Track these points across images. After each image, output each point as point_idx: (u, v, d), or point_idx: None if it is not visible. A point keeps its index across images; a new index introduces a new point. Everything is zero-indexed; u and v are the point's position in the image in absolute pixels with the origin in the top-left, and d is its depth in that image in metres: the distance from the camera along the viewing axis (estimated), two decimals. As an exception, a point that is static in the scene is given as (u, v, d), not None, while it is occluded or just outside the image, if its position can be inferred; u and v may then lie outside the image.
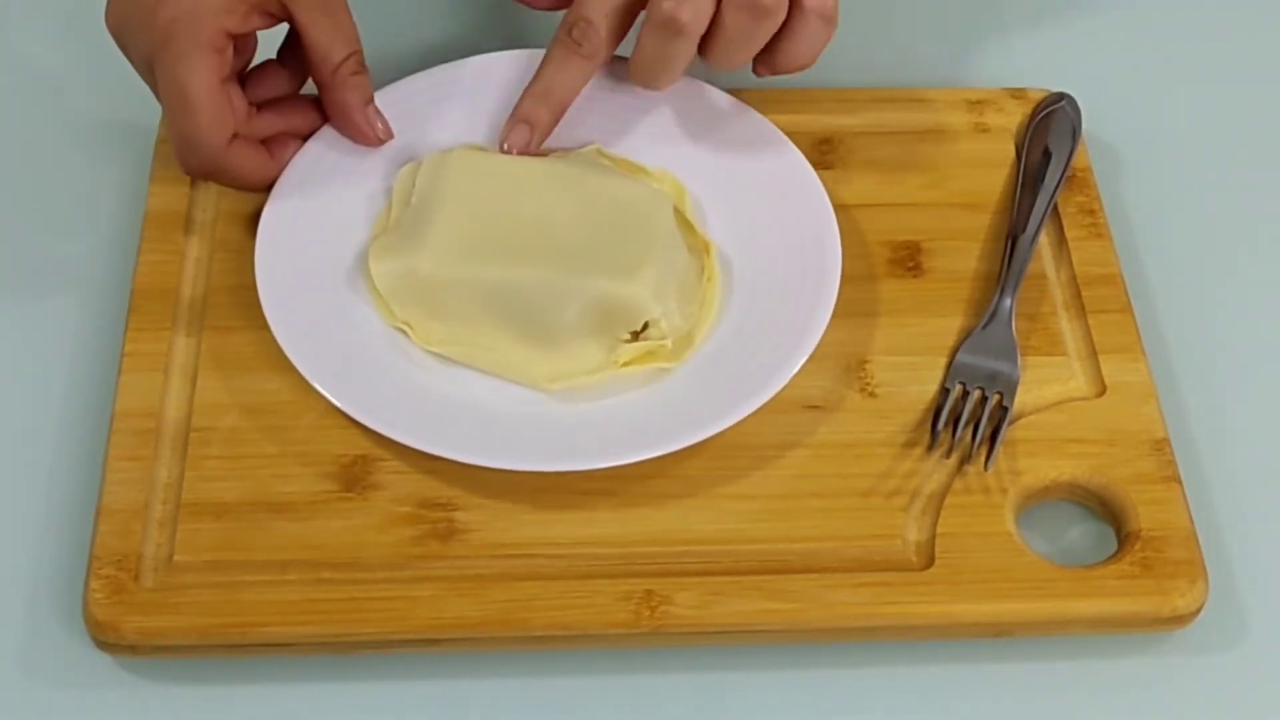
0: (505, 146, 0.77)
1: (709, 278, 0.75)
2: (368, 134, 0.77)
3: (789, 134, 0.79)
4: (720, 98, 0.80)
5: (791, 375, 0.71)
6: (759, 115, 0.79)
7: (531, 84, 0.77)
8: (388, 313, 0.74)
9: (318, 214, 0.76)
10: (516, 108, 0.77)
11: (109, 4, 0.74)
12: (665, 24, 0.73)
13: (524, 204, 0.75)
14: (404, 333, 0.73)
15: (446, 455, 0.69)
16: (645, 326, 0.73)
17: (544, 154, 0.78)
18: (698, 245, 0.76)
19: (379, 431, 0.69)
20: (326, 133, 0.78)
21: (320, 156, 0.77)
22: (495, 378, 0.73)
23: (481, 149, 0.78)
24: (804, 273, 0.74)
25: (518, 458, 0.69)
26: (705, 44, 0.74)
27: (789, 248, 0.75)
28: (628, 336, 0.73)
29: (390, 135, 0.78)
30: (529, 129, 0.77)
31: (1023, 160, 0.81)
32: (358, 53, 0.76)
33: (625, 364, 0.73)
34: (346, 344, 0.73)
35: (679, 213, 0.77)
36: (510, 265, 0.73)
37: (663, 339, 0.73)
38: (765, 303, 0.74)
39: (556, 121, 0.78)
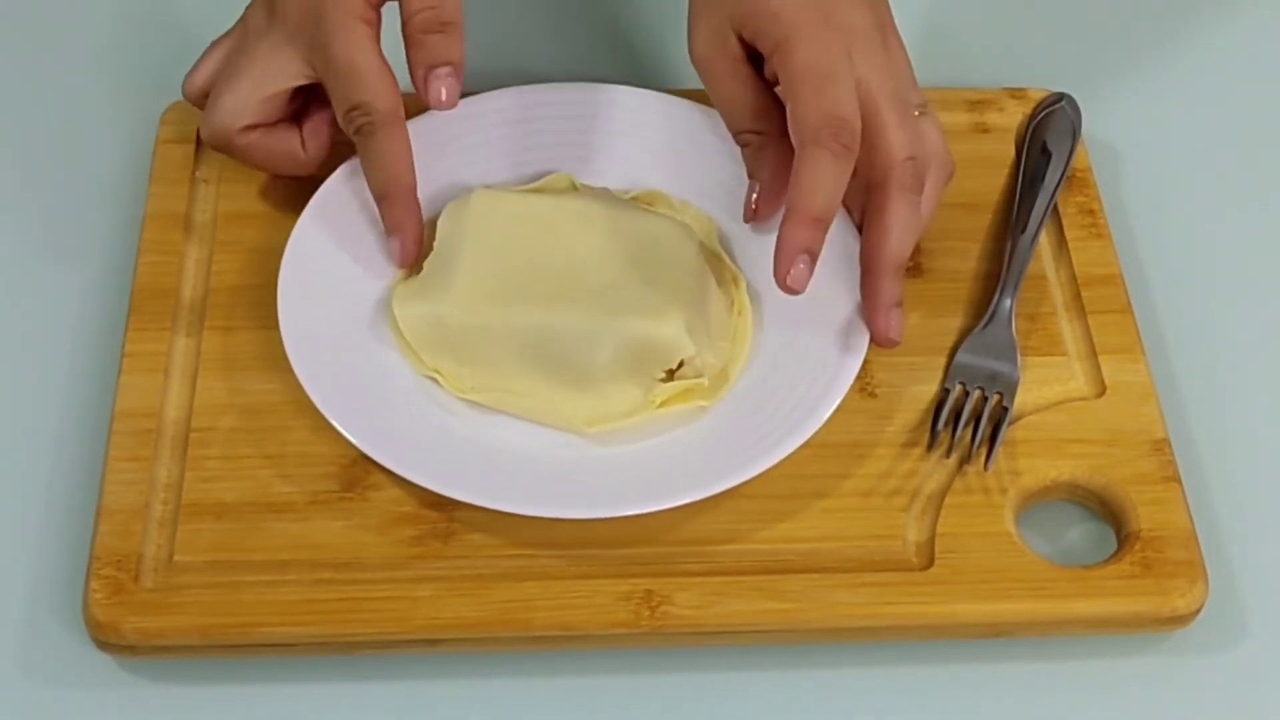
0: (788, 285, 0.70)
1: (739, 311, 0.74)
2: (424, 95, 0.73)
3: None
4: None
5: (832, 409, 0.70)
6: None
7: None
8: (417, 361, 0.72)
9: (341, 254, 0.75)
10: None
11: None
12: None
13: (549, 244, 0.73)
14: (435, 380, 0.72)
15: (491, 506, 0.67)
16: (680, 365, 0.71)
17: (566, 191, 0.77)
18: (726, 278, 0.76)
19: (426, 486, 0.68)
20: (348, 169, 0.76)
21: (340, 191, 0.76)
22: (530, 423, 0.72)
23: (502, 189, 0.77)
24: (835, 299, 0.73)
25: (561, 505, 0.68)
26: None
27: (819, 275, 0.73)
28: (663, 376, 0.72)
29: (453, 103, 0.73)
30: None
31: (1023, 160, 0.81)
32: (435, 8, 0.73)
33: (662, 404, 0.71)
34: (379, 394, 0.71)
35: (706, 246, 0.76)
36: (539, 308, 0.71)
37: (699, 376, 0.71)
38: (799, 334, 0.73)
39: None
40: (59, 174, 0.82)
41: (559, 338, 0.71)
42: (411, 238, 0.74)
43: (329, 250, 0.75)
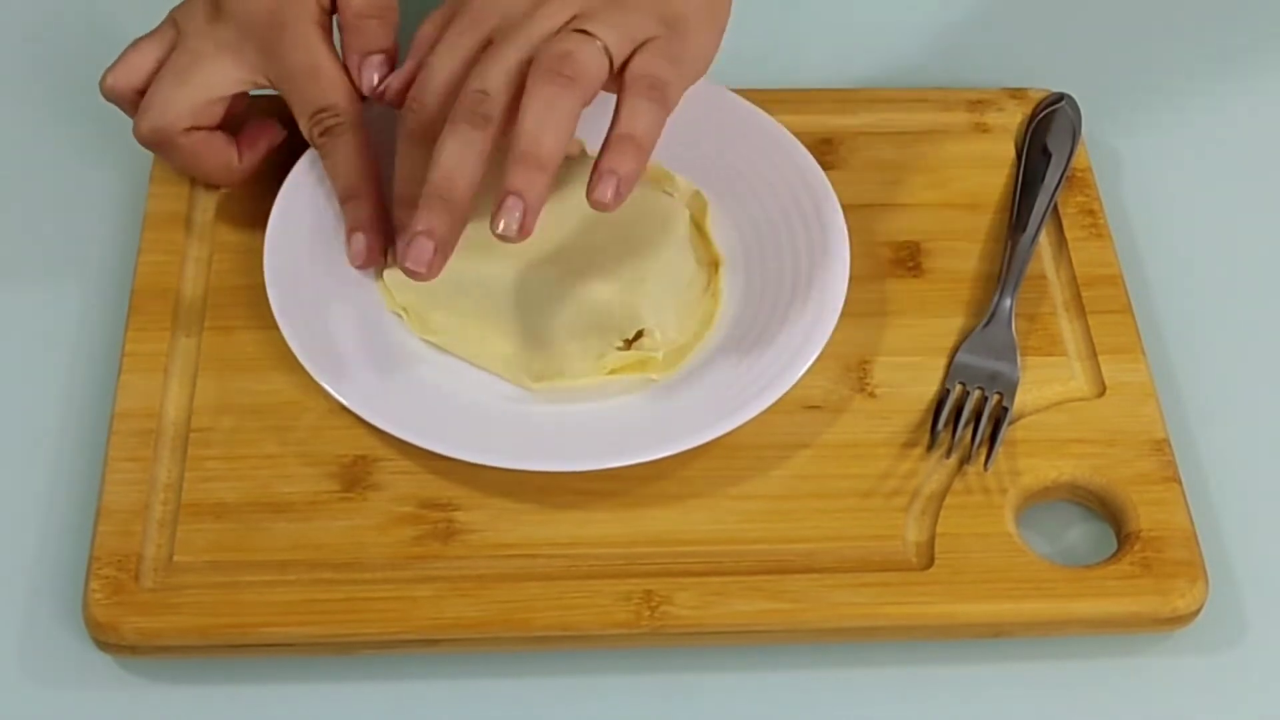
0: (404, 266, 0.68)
1: (713, 294, 0.75)
2: (357, 80, 0.75)
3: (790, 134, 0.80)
4: (731, 99, 0.80)
5: (788, 387, 0.70)
6: (769, 117, 0.79)
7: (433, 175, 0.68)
8: (388, 296, 0.74)
9: (328, 200, 0.76)
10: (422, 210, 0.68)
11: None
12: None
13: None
14: (400, 317, 0.74)
15: (422, 445, 0.69)
16: (638, 335, 0.72)
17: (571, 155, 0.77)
18: (706, 259, 0.76)
19: (360, 414, 0.69)
20: None
21: None
22: (485, 372, 0.73)
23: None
24: (809, 284, 0.74)
25: (494, 454, 0.69)
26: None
27: (797, 253, 0.75)
28: (620, 344, 0.72)
29: (373, 94, 0.74)
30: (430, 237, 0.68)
31: (1022, 160, 0.81)
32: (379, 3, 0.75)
33: (612, 371, 0.72)
34: (341, 322, 0.73)
35: (698, 225, 0.77)
36: (511, 261, 0.72)
37: (655, 350, 0.72)
38: (767, 314, 0.74)
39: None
40: (59, 174, 0.82)
41: (525, 292, 0.72)
42: (375, 235, 0.74)
43: (320, 195, 0.76)
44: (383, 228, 0.74)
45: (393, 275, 0.74)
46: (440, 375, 0.73)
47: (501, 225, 0.66)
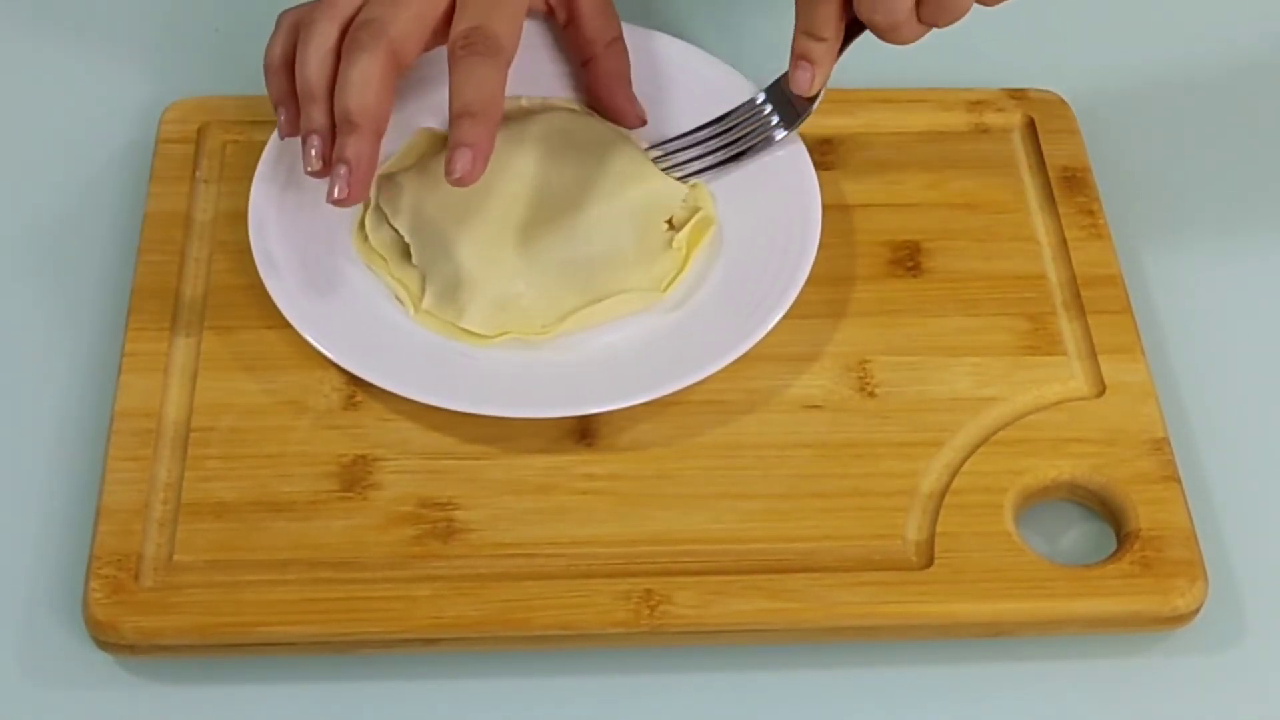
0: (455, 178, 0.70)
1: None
2: (629, 111, 0.79)
3: (789, 134, 0.80)
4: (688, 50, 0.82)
5: (768, 329, 0.72)
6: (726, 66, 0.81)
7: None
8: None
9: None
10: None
11: None
12: None
13: (516, 181, 0.75)
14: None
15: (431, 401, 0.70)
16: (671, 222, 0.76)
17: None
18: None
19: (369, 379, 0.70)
20: None
21: None
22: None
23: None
24: (790, 230, 0.76)
25: (512, 405, 0.70)
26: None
27: (773, 201, 0.77)
28: (666, 229, 0.76)
29: (645, 122, 0.79)
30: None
31: None
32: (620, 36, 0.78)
33: (689, 249, 0.75)
34: (329, 278, 0.74)
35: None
36: (550, 235, 0.74)
37: (697, 210, 0.76)
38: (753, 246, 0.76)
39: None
40: (59, 173, 0.82)
41: (579, 249, 0.74)
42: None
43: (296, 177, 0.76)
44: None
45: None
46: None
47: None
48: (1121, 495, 0.71)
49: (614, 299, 0.74)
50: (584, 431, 0.72)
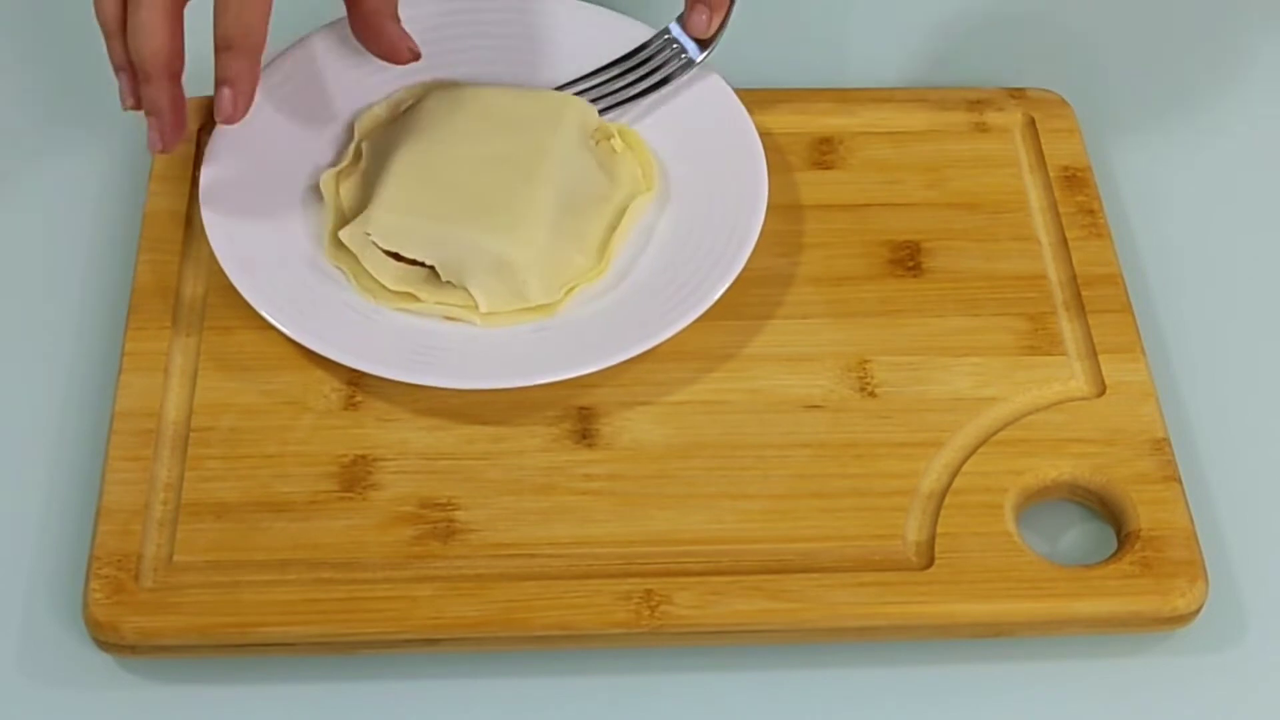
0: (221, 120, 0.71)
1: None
2: (400, 46, 0.77)
3: (789, 134, 0.80)
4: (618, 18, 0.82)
5: (724, 288, 0.73)
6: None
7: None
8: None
9: (271, 134, 0.77)
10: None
11: None
12: None
13: (464, 146, 0.77)
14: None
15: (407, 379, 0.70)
16: None
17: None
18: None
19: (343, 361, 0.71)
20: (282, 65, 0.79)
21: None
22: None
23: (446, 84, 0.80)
24: (729, 191, 0.76)
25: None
26: None
27: (719, 155, 0.78)
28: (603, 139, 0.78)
29: (418, 55, 0.78)
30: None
31: None
32: None
33: (639, 153, 0.78)
34: (284, 256, 0.74)
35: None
36: (537, 192, 0.75)
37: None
38: (698, 220, 0.76)
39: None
40: (59, 173, 0.82)
41: (566, 186, 0.75)
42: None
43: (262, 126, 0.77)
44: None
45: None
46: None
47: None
48: (1122, 495, 0.71)
49: (629, 211, 0.76)
50: (584, 432, 0.72)
